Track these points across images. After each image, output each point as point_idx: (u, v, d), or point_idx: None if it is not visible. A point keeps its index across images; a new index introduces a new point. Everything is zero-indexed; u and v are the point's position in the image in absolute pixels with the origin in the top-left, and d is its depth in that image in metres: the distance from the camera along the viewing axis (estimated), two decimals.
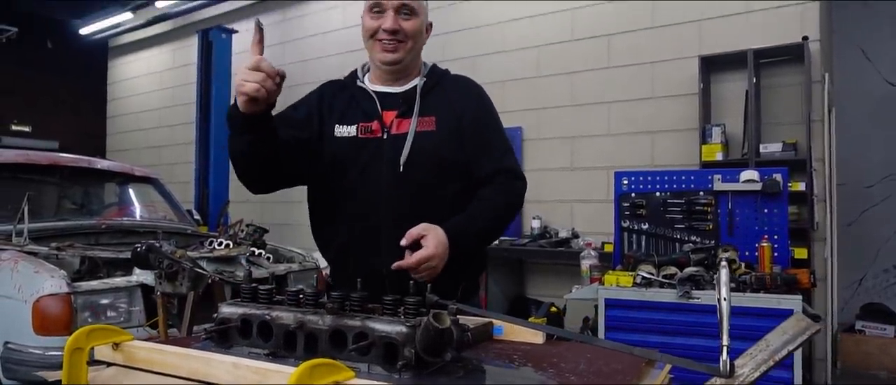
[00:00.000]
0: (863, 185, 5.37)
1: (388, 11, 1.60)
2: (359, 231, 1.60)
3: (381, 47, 1.62)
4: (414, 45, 1.65)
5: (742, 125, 4.34)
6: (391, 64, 1.63)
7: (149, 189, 4.68)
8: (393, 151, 1.59)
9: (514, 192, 1.68)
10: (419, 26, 1.65)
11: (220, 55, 6.92)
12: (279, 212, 7.18)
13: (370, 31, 1.63)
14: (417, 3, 1.64)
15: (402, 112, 1.63)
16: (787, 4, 4.30)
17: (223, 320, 1.36)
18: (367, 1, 1.64)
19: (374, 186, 1.59)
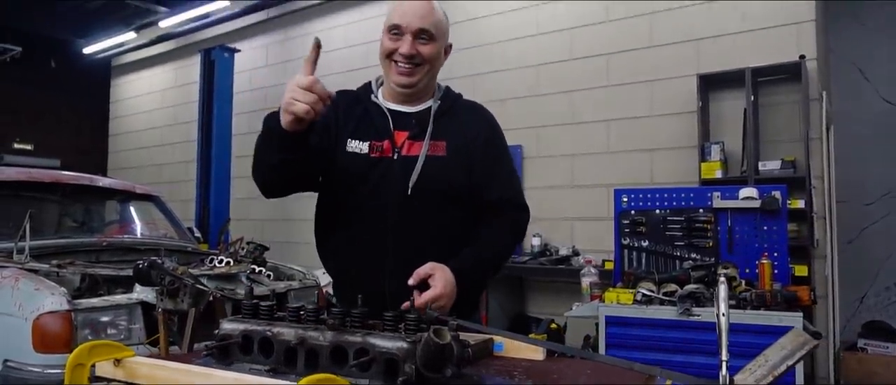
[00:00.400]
0: (862, 202, 5.37)
1: (407, 35, 1.58)
2: (363, 250, 1.60)
3: (397, 70, 1.60)
4: (430, 69, 1.63)
5: (741, 143, 4.37)
6: (406, 87, 1.62)
7: (150, 207, 4.69)
8: (402, 173, 1.58)
9: (517, 225, 1.70)
10: (437, 51, 1.63)
11: (221, 74, 6.97)
12: (280, 230, 7.19)
13: (387, 52, 1.61)
14: (437, 27, 1.61)
15: (413, 134, 1.62)
16: (783, 24, 4.35)
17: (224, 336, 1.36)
18: (387, 21, 1.62)
19: (381, 207, 1.58)
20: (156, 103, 9.20)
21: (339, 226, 1.66)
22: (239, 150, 7.28)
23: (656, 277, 2.94)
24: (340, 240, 1.66)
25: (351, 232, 1.63)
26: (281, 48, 7.64)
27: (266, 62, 7.77)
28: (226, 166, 6.89)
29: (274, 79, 7.65)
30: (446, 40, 1.68)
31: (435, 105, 1.67)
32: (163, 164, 8.86)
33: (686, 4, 4.75)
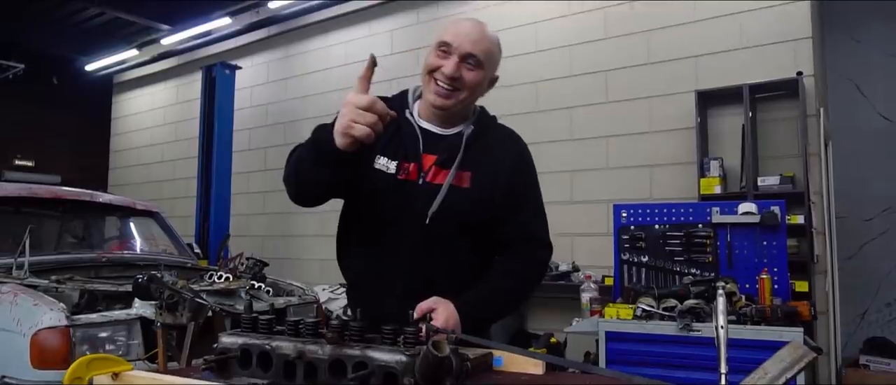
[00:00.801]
0: (862, 218, 5.38)
1: (454, 56, 1.52)
2: (377, 269, 1.59)
3: (436, 89, 1.55)
4: (469, 96, 1.59)
5: (740, 158, 4.38)
6: (440, 108, 1.58)
7: (150, 223, 4.69)
8: (424, 200, 1.55)
9: (535, 262, 1.66)
10: (481, 79, 1.58)
11: (223, 90, 7.02)
12: (280, 246, 7.19)
13: (430, 68, 1.56)
14: (487, 55, 1.57)
15: (441, 160, 1.58)
16: (780, 41, 4.38)
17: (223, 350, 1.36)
18: (437, 36, 1.57)
19: (400, 231, 1.56)
20: (157, 120, 9.25)
21: (358, 241, 1.66)
22: (239, 166, 7.31)
23: (656, 293, 2.93)
24: (358, 255, 1.66)
25: (368, 249, 1.62)
26: (282, 65, 7.69)
27: (267, 79, 7.82)
28: (226, 182, 6.91)
29: (274, 96, 7.69)
30: (493, 71, 1.64)
31: (467, 130, 1.61)
32: (163, 180, 8.88)
33: (683, 22, 4.79)
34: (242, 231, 7.25)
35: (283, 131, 7.53)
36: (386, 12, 6.70)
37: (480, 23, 1.61)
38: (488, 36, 1.59)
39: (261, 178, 7.67)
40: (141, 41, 8.55)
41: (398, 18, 6.62)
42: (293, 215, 7.37)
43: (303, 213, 7.26)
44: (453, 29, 1.56)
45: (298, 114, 7.41)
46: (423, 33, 6.38)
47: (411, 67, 6.36)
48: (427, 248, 1.55)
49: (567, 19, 5.40)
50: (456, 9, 6.13)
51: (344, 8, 6.89)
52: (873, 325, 5.27)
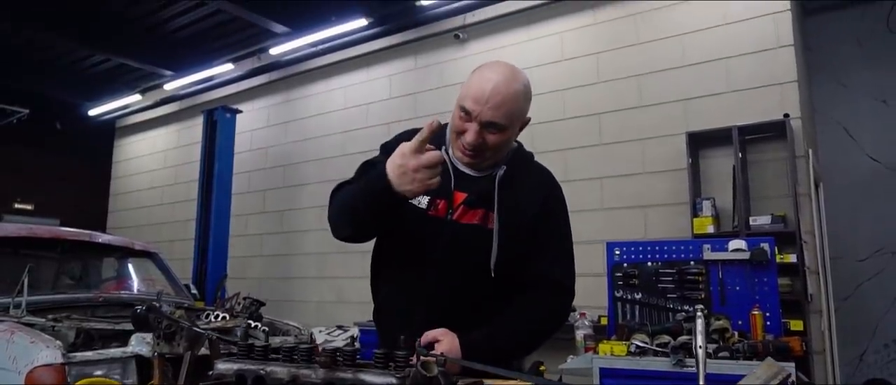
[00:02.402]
0: (856, 258, 5.40)
1: (474, 123, 1.49)
2: (399, 300, 1.63)
3: (461, 149, 1.55)
4: (495, 154, 1.57)
5: (731, 198, 4.45)
6: (467, 166, 1.60)
7: (148, 263, 4.71)
8: (449, 239, 1.55)
9: (554, 309, 1.63)
10: (506, 139, 1.56)
11: (223, 133, 7.14)
12: (277, 288, 7.18)
13: (456, 129, 1.55)
14: (510, 117, 1.52)
15: (470, 200, 1.57)
16: (767, 85, 4.51)
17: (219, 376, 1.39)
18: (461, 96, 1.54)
19: (424, 266, 1.57)
20: (158, 163, 9.35)
21: (386, 270, 1.70)
22: (238, 208, 7.36)
23: (649, 329, 2.95)
24: (385, 284, 1.70)
25: (393, 279, 1.66)
26: (282, 109, 7.84)
27: (267, 123, 7.95)
28: (225, 223, 6.95)
29: (274, 139, 7.81)
30: (522, 120, 1.60)
31: (500, 172, 1.59)
32: (162, 222, 8.93)
33: (673, 66, 4.93)
34: (240, 273, 7.25)
35: (282, 174, 7.62)
36: (384, 58, 6.88)
37: (506, 76, 1.53)
38: (511, 95, 1.51)
39: (259, 220, 7.72)
40: (144, 86, 8.74)
41: (396, 64, 6.79)
42: (291, 257, 7.38)
43: (300, 255, 7.29)
44: (476, 91, 1.50)
45: (298, 157, 7.52)
46: (420, 78, 6.54)
47: (409, 111, 6.50)
48: (448, 286, 1.56)
49: (560, 64, 5.55)
50: (451, 55, 6.30)
51: (344, 54, 7.07)
52: (872, 366, 5.24)
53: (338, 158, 7.05)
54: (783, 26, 4.53)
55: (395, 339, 1.38)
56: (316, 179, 7.25)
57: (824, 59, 5.57)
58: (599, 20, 5.41)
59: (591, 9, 5.46)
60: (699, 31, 4.86)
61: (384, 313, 1.70)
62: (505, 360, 1.52)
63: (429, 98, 6.37)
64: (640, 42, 5.13)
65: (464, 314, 1.54)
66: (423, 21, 6.36)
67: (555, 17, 5.66)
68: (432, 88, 6.38)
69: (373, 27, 6.55)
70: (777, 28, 4.54)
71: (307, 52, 7.16)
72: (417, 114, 6.40)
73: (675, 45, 4.95)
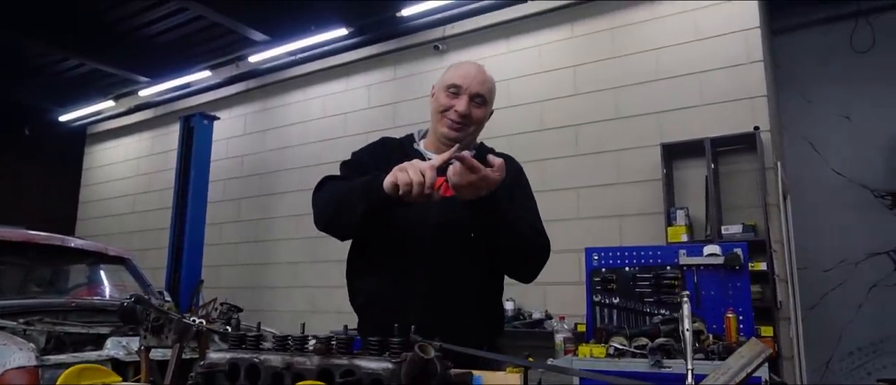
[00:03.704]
0: (822, 269, 5.57)
1: (464, 96, 1.73)
2: (393, 282, 1.68)
3: (448, 125, 1.74)
4: (476, 130, 1.81)
5: (704, 208, 4.56)
6: (453, 141, 1.75)
7: (121, 270, 4.64)
8: (437, 212, 1.66)
9: (540, 241, 1.76)
10: (486, 114, 1.80)
11: (200, 141, 7.06)
12: (251, 298, 7.09)
13: (443, 107, 1.75)
14: (490, 93, 1.79)
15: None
16: (738, 99, 4.66)
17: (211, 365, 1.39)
18: (446, 79, 1.77)
19: (414, 243, 1.68)
20: (130, 171, 9.19)
21: (371, 260, 1.75)
22: (212, 217, 7.27)
23: (627, 332, 3.01)
24: (371, 273, 1.74)
25: (384, 266, 1.71)
26: (259, 118, 7.80)
27: (244, 131, 7.89)
28: (200, 232, 6.86)
29: (251, 147, 7.76)
30: (493, 104, 1.85)
31: (470, 154, 1.71)
32: (133, 231, 8.76)
33: (648, 80, 5.06)
34: (213, 282, 7.14)
35: (258, 182, 7.57)
36: (364, 68, 6.91)
37: (480, 65, 1.83)
38: (488, 76, 1.81)
39: (234, 228, 7.64)
40: (118, 93, 8.60)
41: (375, 74, 6.83)
42: (265, 266, 7.32)
43: (274, 264, 7.23)
44: (461, 72, 1.77)
45: (275, 165, 7.48)
46: (400, 88, 6.58)
47: (388, 121, 6.53)
48: (441, 258, 1.66)
49: (539, 76, 5.65)
50: (431, 66, 6.36)
51: (323, 63, 7.08)
52: (837, 373, 5.39)
53: (315, 167, 7.02)
54: (753, 43, 4.70)
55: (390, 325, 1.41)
56: (292, 188, 7.21)
57: (791, 76, 5.77)
58: (577, 34, 5.53)
59: (570, 22, 5.58)
60: (673, 45, 5.00)
61: (379, 303, 1.72)
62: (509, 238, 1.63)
63: (408, 108, 6.41)
64: (617, 56, 5.26)
65: (459, 280, 1.66)
66: (403, 32, 6.41)
67: (534, 30, 5.77)
68: (411, 99, 6.42)
69: (353, 37, 6.58)
70: (748, 44, 4.70)
71: (286, 61, 7.15)
72: (396, 124, 6.43)
73: (651, 59, 5.09)
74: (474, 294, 1.71)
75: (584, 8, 5.52)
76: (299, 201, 7.10)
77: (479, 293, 1.76)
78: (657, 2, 5.17)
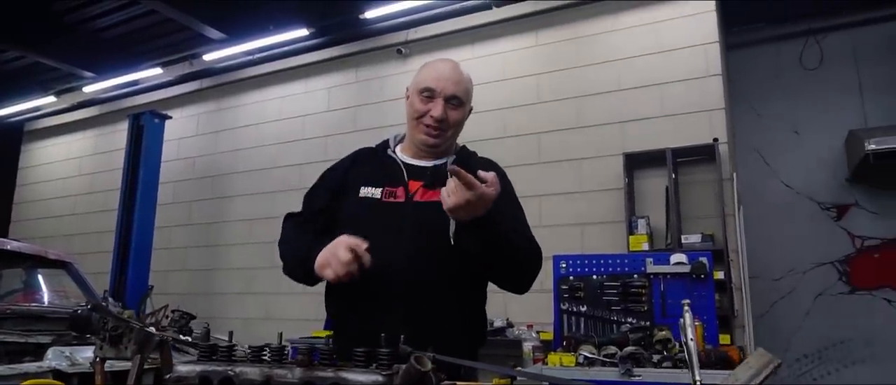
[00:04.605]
0: (772, 278, 5.76)
1: (439, 99, 1.66)
2: (372, 291, 1.59)
3: (425, 131, 1.68)
4: (454, 132, 1.73)
5: (664, 217, 4.63)
6: (431, 147, 1.70)
7: (61, 274, 4.37)
8: (413, 218, 1.63)
9: (535, 252, 1.66)
10: (463, 116, 1.74)
11: (151, 140, 6.76)
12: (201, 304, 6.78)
13: (418, 114, 1.69)
14: (466, 94, 1.72)
15: (427, 184, 1.67)
16: (697, 111, 4.77)
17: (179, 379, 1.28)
18: (419, 82, 1.70)
19: (391, 250, 1.58)
20: (72, 170, 8.73)
21: None
22: (160, 220, 6.96)
23: (596, 341, 3.00)
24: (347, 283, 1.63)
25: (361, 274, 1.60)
26: (213, 118, 7.54)
27: (196, 131, 7.62)
28: (148, 236, 6.56)
29: (204, 148, 7.49)
30: (471, 103, 1.78)
31: (451, 159, 1.74)
32: (73, 234, 8.32)
33: (610, 90, 5.13)
34: (161, 288, 6.84)
35: (210, 185, 7.31)
36: (324, 70, 6.77)
37: (454, 62, 1.74)
38: (464, 74, 1.73)
39: (184, 232, 7.34)
40: (60, 88, 8.16)
41: (336, 76, 6.70)
42: (216, 272, 7.06)
43: (226, 270, 6.98)
44: (433, 74, 1.69)
45: (228, 168, 7.23)
46: (361, 91, 6.47)
47: (349, 124, 6.41)
48: (420, 266, 1.59)
49: (503, 84, 5.65)
50: (393, 69, 6.28)
51: (282, 64, 6.91)
52: (786, 379, 5.56)
53: (270, 170, 6.84)
54: (712, 57, 4.82)
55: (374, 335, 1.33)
56: (246, 191, 7.00)
57: (744, 90, 5.96)
58: (541, 42, 5.56)
59: (534, 31, 5.61)
60: (636, 57, 5.09)
61: (359, 312, 1.64)
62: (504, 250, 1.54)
63: (368, 112, 6.30)
64: (580, 65, 5.31)
65: (440, 289, 1.59)
66: (365, 34, 6.32)
67: (498, 37, 5.77)
68: (372, 102, 6.32)
69: (314, 38, 6.44)
70: (707, 58, 4.82)
71: (243, 60, 6.95)
72: (357, 127, 6.32)
73: (613, 70, 5.16)
74: (456, 303, 1.64)
75: (548, 17, 5.56)
76: (253, 205, 6.89)
77: (460, 303, 1.68)
78: (620, 14, 5.25)
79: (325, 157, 6.45)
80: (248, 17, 6.37)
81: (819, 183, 5.69)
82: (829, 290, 5.55)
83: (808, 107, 5.77)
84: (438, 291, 1.59)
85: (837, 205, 5.62)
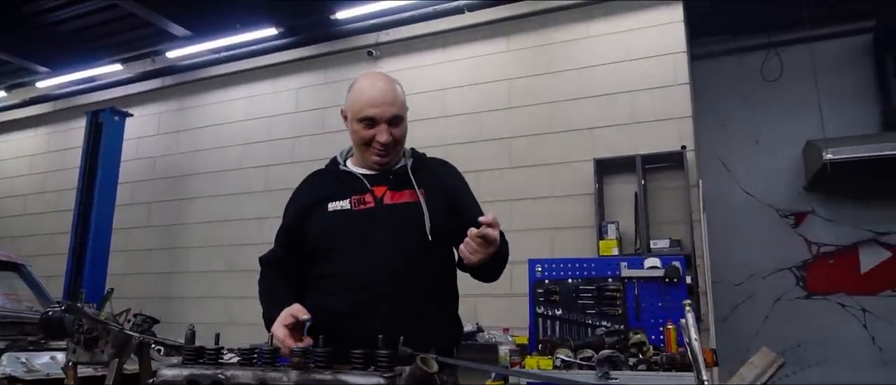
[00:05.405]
0: (733, 283, 5.91)
1: (381, 125, 1.70)
2: (356, 296, 1.62)
3: (376, 154, 1.73)
4: (400, 146, 1.79)
5: (633, 222, 4.70)
6: (384, 166, 1.75)
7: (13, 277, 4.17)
8: (387, 219, 1.68)
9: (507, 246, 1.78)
10: (406, 126, 1.79)
11: (110, 138, 6.51)
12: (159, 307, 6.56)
13: (364, 140, 1.72)
14: (403, 108, 1.77)
15: (391, 186, 1.74)
16: (666, 118, 4.86)
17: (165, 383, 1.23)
18: (357, 110, 1.72)
19: (371, 254, 1.63)
20: (22, 169, 8.36)
21: (328, 279, 1.69)
22: (118, 221, 6.72)
23: (572, 344, 3.01)
24: (330, 291, 1.67)
25: (341, 280, 1.66)
26: (174, 117, 7.32)
27: (157, 131, 7.39)
28: (106, 237, 6.31)
29: (165, 148, 7.26)
30: (406, 106, 1.82)
31: (409, 162, 1.80)
32: (23, 235, 7.95)
33: (581, 96, 5.19)
34: (118, 292, 6.59)
35: (172, 185, 7.09)
36: (293, 70, 6.65)
37: (385, 79, 1.77)
38: (397, 90, 1.76)
39: (142, 234, 7.10)
40: (11, 83, 7.81)
41: (305, 77, 6.59)
42: (176, 276, 6.85)
43: (186, 273, 6.77)
44: (369, 101, 1.70)
45: (190, 168, 7.04)
46: (330, 93, 6.39)
47: (317, 126, 6.32)
48: (401, 263, 1.64)
49: (474, 88, 5.66)
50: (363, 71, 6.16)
51: (249, 63, 6.76)
52: None
53: (234, 172, 6.68)
54: (680, 66, 4.93)
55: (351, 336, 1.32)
56: (209, 193, 6.82)
57: (707, 100, 6.11)
58: (513, 48, 5.59)
59: (505, 36, 5.64)
60: (606, 64, 5.16)
61: (346, 315, 1.63)
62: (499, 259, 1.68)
63: (337, 114, 6.16)
64: (552, 71, 5.36)
65: (420, 283, 1.65)
66: (336, 35, 6.24)
67: (470, 41, 5.78)
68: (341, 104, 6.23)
69: (283, 37, 6.33)
70: (675, 67, 4.92)
71: (208, 59, 6.77)
72: (325, 129, 6.24)
73: (584, 77, 5.22)
74: (437, 301, 1.70)
75: (519, 23, 5.59)
76: (216, 207, 6.71)
77: (441, 300, 1.75)
78: (591, 22, 5.32)
79: (293, 158, 6.34)
80: (214, 14, 6.21)
81: (778, 191, 5.88)
82: (787, 295, 5.72)
83: (769, 117, 5.96)
84: (421, 289, 1.65)
85: (795, 212, 5.81)
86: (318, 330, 1.72)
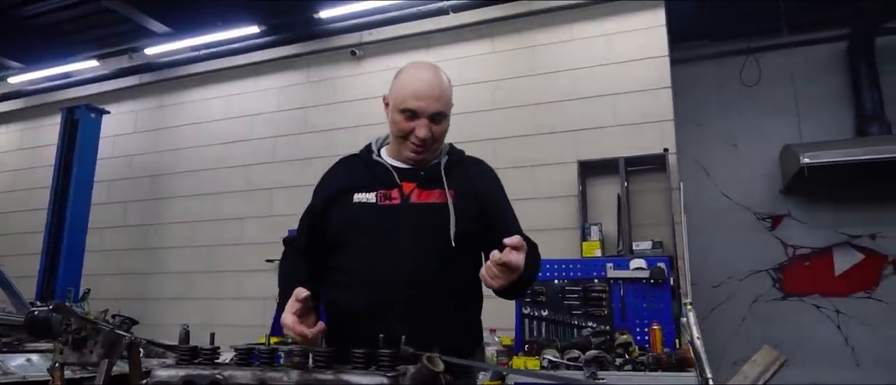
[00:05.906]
0: (711, 285, 5.99)
1: (422, 119, 1.61)
2: (373, 295, 1.58)
3: (412, 149, 1.65)
4: (438, 144, 1.70)
5: (616, 224, 4.74)
6: (418, 162, 1.68)
7: None
8: (412, 219, 1.62)
9: (538, 259, 1.74)
10: (447, 124, 1.69)
11: (86, 135, 6.37)
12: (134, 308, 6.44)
13: (403, 132, 1.64)
14: (448, 104, 1.67)
15: (421, 184, 1.66)
16: (648, 121, 4.92)
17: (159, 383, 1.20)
18: (399, 100, 1.63)
19: (391, 251, 1.58)
20: None
21: (345, 274, 1.65)
22: (93, 221, 6.57)
23: (559, 344, 3.02)
24: (347, 286, 1.63)
25: (359, 277, 1.61)
26: (152, 115, 7.20)
27: (134, 129, 7.25)
28: (81, 237, 6.18)
29: (142, 146, 7.14)
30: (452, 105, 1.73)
31: (444, 159, 1.72)
32: None
33: (565, 99, 5.22)
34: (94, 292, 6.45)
35: (148, 184, 6.97)
36: (275, 69, 6.59)
37: (433, 69, 1.68)
38: (444, 83, 1.67)
39: (118, 234, 6.97)
40: None
41: (287, 76, 6.53)
42: (152, 276, 6.73)
43: (164, 274, 6.66)
44: (414, 92, 1.61)
45: (168, 167, 6.92)
46: (312, 92, 6.34)
47: (299, 125, 6.26)
48: (422, 265, 1.58)
49: (458, 89, 5.60)
50: (346, 71, 6.19)
51: (230, 61, 6.66)
52: None
53: (214, 171, 6.59)
54: (663, 70, 5.00)
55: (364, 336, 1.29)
56: (187, 192, 6.71)
57: (686, 104, 6.19)
58: (497, 49, 5.61)
59: (490, 38, 5.65)
60: (590, 67, 5.21)
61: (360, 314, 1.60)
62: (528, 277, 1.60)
63: (320, 113, 6.18)
64: (536, 74, 5.39)
65: (441, 288, 1.59)
66: (319, 34, 6.19)
67: (454, 42, 5.78)
68: (324, 104, 6.21)
69: (265, 36, 6.26)
70: (658, 71, 4.99)
71: (188, 56, 6.66)
72: (307, 129, 6.19)
73: (568, 80, 5.25)
74: (456, 303, 1.64)
75: (504, 25, 5.61)
76: (195, 206, 6.61)
77: (461, 303, 1.68)
78: (575, 25, 5.36)
79: (274, 158, 6.27)
80: (195, 11, 6.12)
81: (755, 194, 5.98)
82: (763, 297, 5.82)
83: (747, 121, 6.06)
84: (440, 294, 1.59)
85: (772, 215, 5.91)
86: (332, 326, 1.70)
